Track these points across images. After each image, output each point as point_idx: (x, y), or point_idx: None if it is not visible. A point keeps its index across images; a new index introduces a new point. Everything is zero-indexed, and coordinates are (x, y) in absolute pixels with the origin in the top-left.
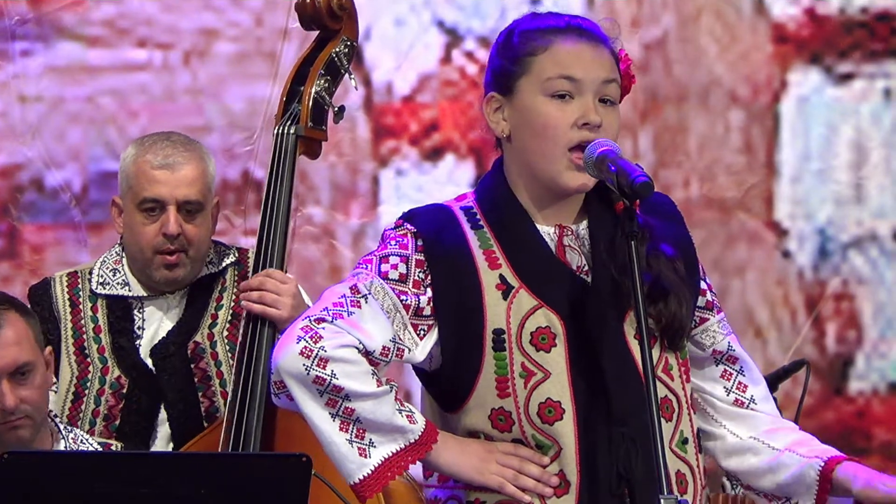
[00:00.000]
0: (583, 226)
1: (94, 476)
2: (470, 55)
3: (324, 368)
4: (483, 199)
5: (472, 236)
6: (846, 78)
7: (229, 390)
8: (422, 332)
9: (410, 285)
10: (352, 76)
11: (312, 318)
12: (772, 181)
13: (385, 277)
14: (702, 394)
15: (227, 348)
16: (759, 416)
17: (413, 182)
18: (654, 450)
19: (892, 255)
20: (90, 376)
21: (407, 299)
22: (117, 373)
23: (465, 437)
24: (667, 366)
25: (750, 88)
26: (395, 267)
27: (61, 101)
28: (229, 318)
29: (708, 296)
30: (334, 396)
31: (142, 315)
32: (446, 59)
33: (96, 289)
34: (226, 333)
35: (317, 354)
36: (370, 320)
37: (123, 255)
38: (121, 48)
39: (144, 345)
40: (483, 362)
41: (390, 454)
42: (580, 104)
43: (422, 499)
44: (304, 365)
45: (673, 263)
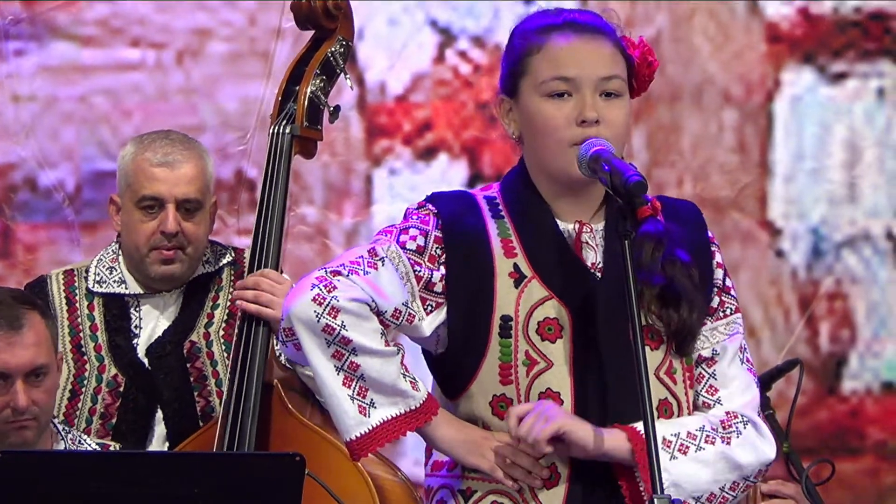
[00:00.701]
0: (602, 224)
1: (89, 475)
2: (463, 55)
3: (334, 318)
4: (506, 191)
5: (491, 223)
6: (840, 77)
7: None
8: (429, 308)
9: (426, 259)
10: (347, 76)
11: (329, 270)
12: (765, 180)
13: (403, 247)
14: None
15: (224, 348)
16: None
17: (406, 181)
18: (648, 446)
19: (885, 255)
20: (87, 374)
21: (420, 270)
22: (114, 371)
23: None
24: (670, 369)
25: (743, 88)
26: (413, 238)
27: (55, 101)
28: (225, 317)
29: (714, 302)
30: (341, 348)
31: (138, 313)
32: (440, 58)
33: (93, 287)
34: (222, 333)
35: (329, 303)
36: (386, 282)
37: (120, 253)
38: (114, 48)
39: (141, 343)
40: (488, 347)
41: (389, 417)
42: (577, 101)
43: (417, 500)
44: (315, 312)
45: (688, 270)
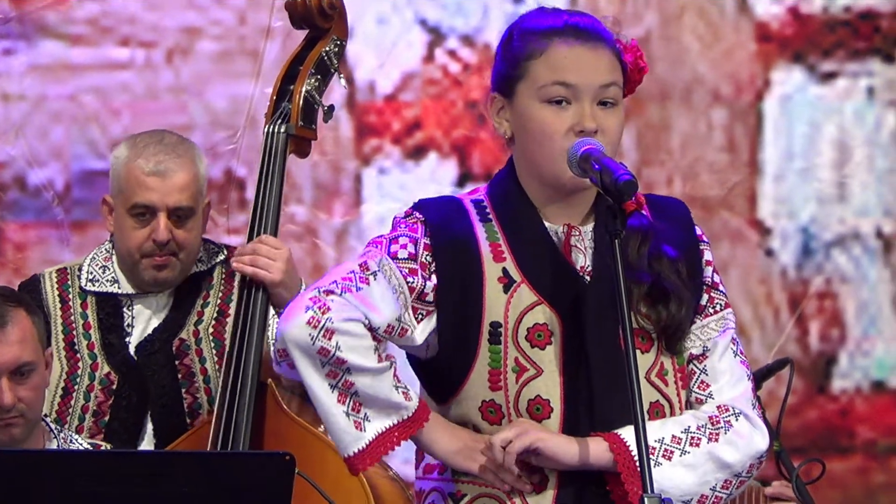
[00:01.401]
0: (591, 226)
1: (78, 474)
2: (452, 53)
3: (329, 340)
4: (494, 194)
5: (479, 228)
6: (829, 76)
7: (213, 387)
8: (420, 317)
9: (418, 267)
10: (341, 76)
11: (322, 290)
12: (755, 179)
13: (394, 257)
14: None
15: (213, 345)
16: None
17: (396, 180)
18: (639, 449)
19: (874, 254)
20: (80, 372)
21: (413, 281)
22: (107, 369)
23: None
24: (661, 371)
25: (733, 87)
26: (404, 247)
27: (44, 100)
28: (215, 315)
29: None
30: (336, 368)
31: (131, 312)
32: (429, 57)
33: (86, 286)
34: (211, 331)
35: (323, 325)
36: (378, 297)
37: (113, 252)
38: (103, 46)
39: (133, 341)
40: (478, 353)
41: (384, 429)
42: (576, 110)
43: (409, 498)
44: (310, 335)
45: (676, 265)
